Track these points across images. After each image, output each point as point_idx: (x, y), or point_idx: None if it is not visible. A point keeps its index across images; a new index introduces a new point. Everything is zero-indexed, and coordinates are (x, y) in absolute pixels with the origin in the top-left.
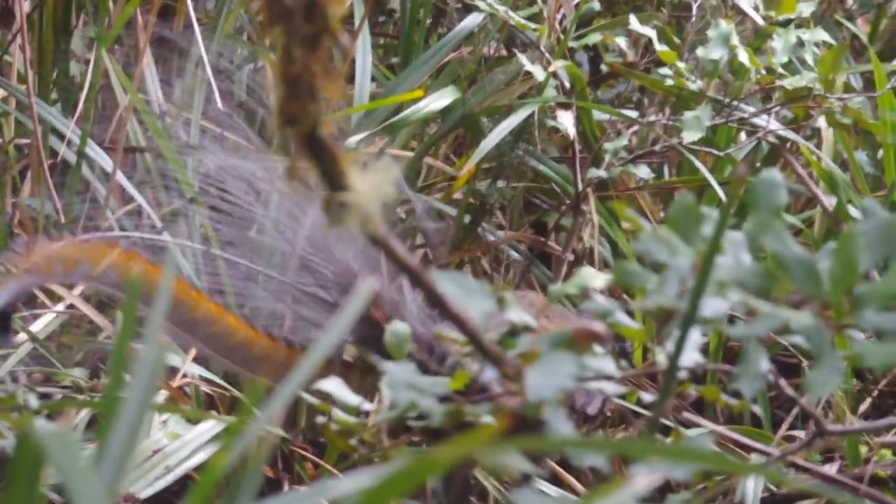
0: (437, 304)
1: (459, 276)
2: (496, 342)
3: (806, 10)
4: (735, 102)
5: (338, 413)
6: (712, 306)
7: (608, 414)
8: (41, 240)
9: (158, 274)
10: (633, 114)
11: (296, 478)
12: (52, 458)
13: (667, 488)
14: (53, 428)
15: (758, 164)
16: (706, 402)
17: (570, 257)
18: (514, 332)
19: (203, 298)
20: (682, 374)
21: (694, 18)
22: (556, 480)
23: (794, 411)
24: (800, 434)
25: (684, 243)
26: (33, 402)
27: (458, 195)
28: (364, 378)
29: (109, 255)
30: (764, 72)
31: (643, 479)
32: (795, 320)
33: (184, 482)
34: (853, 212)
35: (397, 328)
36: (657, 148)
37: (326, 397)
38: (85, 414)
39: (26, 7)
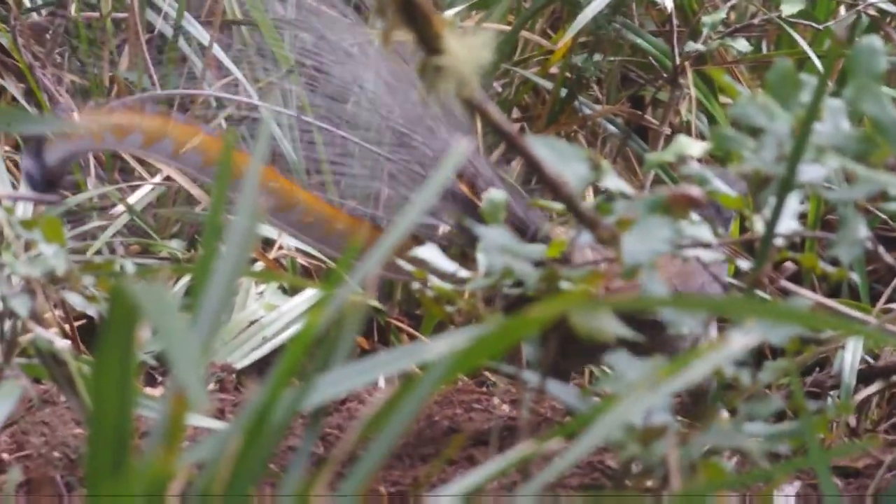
0: (533, 169)
1: (555, 140)
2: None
3: None
4: None
5: (434, 280)
6: (810, 172)
7: None
8: (88, 105)
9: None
10: None
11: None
12: (147, 315)
13: (762, 358)
14: (149, 286)
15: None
16: (803, 277)
17: (667, 131)
18: (610, 198)
19: (275, 176)
20: (780, 243)
21: None
22: None
23: (893, 283)
24: None
25: (782, 108)
26: (130, 268)
27: (554, 69)
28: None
29: (166, 125)
30: None
31: (739, 340)
32: (894, 184)
33: (280, 353)
34: None
35: (495, 195)
36: (756, 21)
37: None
38: (181, 286)
39: None
